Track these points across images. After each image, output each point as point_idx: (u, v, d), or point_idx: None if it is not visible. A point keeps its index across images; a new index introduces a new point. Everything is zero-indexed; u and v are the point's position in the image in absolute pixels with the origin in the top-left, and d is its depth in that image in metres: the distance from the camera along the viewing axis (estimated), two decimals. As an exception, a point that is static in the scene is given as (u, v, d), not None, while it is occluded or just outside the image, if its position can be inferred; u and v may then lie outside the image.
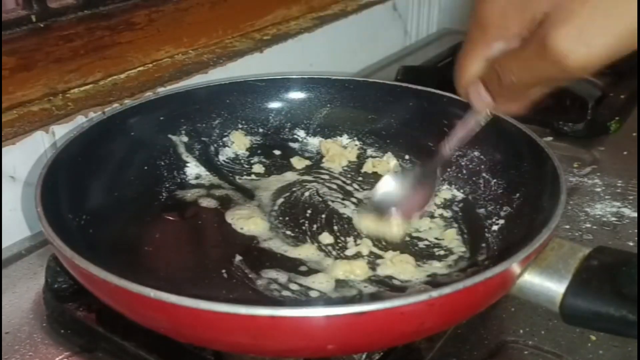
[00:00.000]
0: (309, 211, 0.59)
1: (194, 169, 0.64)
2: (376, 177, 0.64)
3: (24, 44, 0.63)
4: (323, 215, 0.58)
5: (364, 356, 0.44)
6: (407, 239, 0.55)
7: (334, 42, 0.95)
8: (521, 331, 0.49)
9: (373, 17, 1.03)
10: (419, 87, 0.65)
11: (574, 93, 0.85)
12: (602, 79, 0.92)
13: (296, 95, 0.69)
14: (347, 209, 0.59)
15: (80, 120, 0.63)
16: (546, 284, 0.42)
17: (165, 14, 0.76)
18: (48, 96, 0.66)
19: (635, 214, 0.63)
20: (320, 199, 0.61)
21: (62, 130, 0.61)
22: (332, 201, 0.61)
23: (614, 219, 0.63)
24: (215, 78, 0.75)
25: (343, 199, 0.61)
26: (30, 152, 0.60)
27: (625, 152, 0.76)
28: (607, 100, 0.84)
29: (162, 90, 0.70)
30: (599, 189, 0.68)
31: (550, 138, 0.78)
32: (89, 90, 0.69)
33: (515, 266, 0.39)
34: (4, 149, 0.58)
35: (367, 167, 0.66)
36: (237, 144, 0.68)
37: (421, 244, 0.55)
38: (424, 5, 1.16)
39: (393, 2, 1.07)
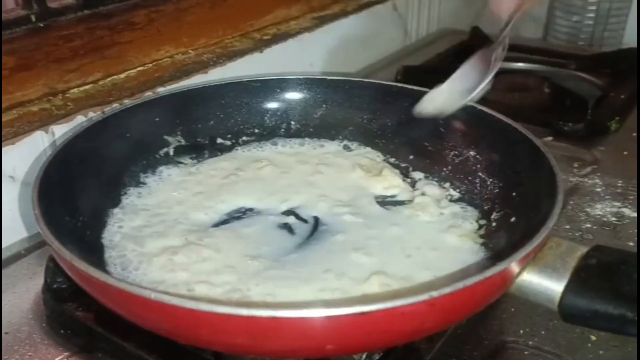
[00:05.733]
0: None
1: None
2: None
3: (23, 43, 0.63)
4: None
5: (364, 356, 0.44)
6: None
7: (334, 42, 0.95)
8: (521, 331, 0.49)
9: (373, 17, 1.03)
10: (414, 87, 0.65)
11: (574, 93, 0.85)
12: (602, 79, 0.92)
13: (292, 95, 0.69)
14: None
15: (79, 120, 0.63)
16: (545, 283, 0.42)
17: (165, 14, 0.76)
18: (48, 96, 0.66)
19: (636, 214, 0.63)
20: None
21: (61, 130, 0.61)
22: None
23: (614, 219, 0.63)
24: (215, 78, 0.75)
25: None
26: (30, 152, 0.60)
27: (625, 152, 0.76)
28: (607, 100, 0.85)
29: (161, 90, 0.70)
30: (599, 189, 0.68)
31: (550, 138, 0.78)
32: (89, 90, 0.69)
33: (514, 265, 0.39)
34: (3, 149, 0.58)
35: None
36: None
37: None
38: (424, 5, 1.16)
39: (393, 2, 1.07)
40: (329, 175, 0.63)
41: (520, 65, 1.01)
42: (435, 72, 0.98)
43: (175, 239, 0.53)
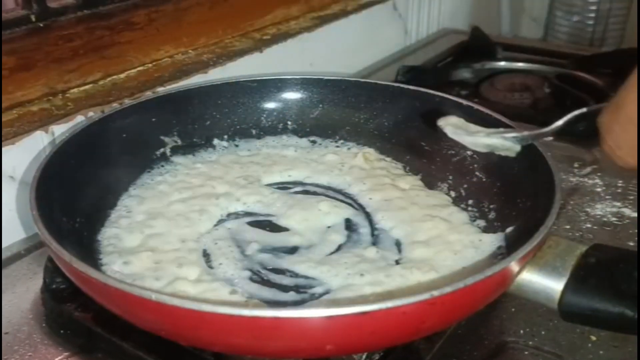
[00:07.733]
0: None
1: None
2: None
3: (23, 43, 0.63)
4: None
5: (364, 356, 0.44)
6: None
7: (334, 42, 0.95)
8: (521, 331, 0.49)
9: (373, 17, 1.03)
10: (411, 87, 0.65)
11: (574, 93, 0.85)
12: (602, 79, 0.92)
13: (289, 95, 0.69)
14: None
15: (79, 120, 0.63)
16: (544, 282, 0.42)
17: (165, 14, 0.76)
18: (47, 96, 0.66)
19: (636, 214, 0.63)
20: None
21: (61, 130, 0.61)
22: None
23: (614, 219, 0.63)
24: (215, 78, 0.75)
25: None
26: (30, 152, 0.60)
27: (625, 152, 0.75)
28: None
29: (161, 90, 0.70)
30: (599, 189, 0.68)
31: (550, 138, 0.77)
32: (89, 90, 0.69)
33: (513, 264, 0.39)
34: (3, 149, 0.58)
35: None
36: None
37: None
38: (424, 5, 1.16)
39: (393, 1, 1.07)
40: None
41: (520, 65, 1.01)
42: (435, 72, 0.99)
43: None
